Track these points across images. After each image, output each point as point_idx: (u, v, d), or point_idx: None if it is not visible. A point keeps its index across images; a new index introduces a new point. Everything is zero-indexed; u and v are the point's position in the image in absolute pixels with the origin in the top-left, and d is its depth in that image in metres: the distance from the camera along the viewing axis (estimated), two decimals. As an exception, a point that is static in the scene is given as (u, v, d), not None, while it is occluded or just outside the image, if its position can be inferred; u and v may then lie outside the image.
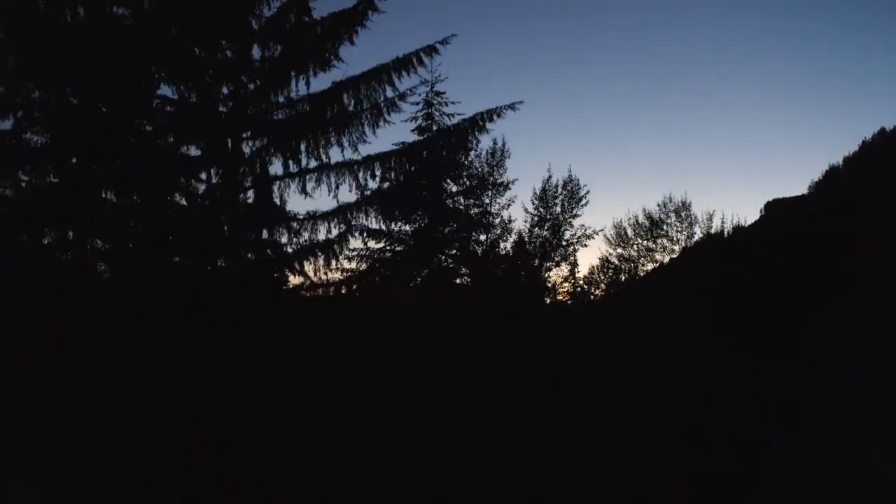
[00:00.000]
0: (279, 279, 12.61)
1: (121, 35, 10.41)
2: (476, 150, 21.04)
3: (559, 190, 22.95)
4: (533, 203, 22.86)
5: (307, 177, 11.79)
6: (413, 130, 19.17)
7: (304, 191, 11.84)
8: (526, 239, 25.32)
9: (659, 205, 30.21)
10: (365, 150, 12.10)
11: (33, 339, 7.96)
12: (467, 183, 20.67)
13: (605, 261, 30.10)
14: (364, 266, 17.94)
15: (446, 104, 18.84)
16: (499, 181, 21.34)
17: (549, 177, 22.95)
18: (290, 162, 11.52)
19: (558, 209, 23.07)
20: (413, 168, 14.85)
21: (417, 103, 19.02)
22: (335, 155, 12.07)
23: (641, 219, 29.97)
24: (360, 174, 12.07)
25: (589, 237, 23.96)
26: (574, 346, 14.41)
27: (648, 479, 8.06)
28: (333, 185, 11.91)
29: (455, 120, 18.78)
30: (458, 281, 21.04)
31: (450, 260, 20.78)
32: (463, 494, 7.45)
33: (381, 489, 7.30)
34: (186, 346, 9.32)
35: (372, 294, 17.13)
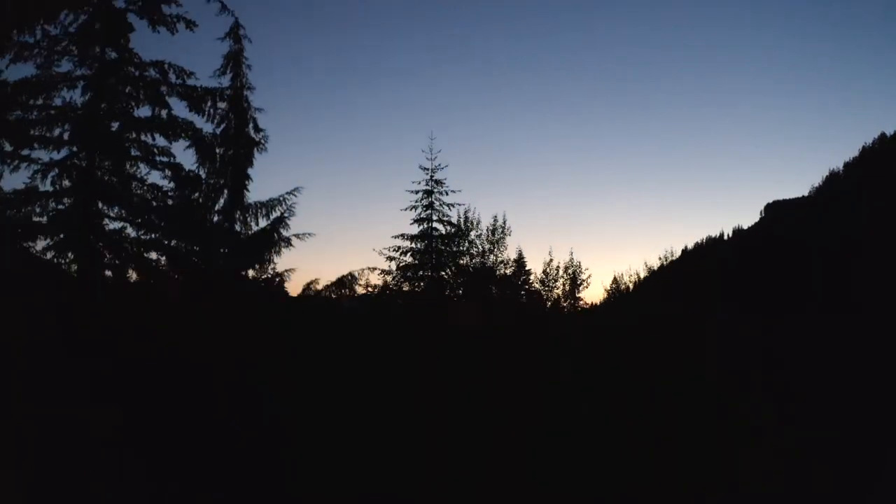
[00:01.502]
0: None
1: None
2: (477, 231, 21.30)
3: (560, 272, 23.50)
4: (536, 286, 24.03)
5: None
6: (413, 221, 19.04)
7: None
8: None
9: (660, 258, 31.22)
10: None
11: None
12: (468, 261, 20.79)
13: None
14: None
15: (446, 193, 18.96)
16: (500, 259, 21.54)
17: (551, 260, 24.29)
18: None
19: (559, 292, 24.29)
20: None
21: (417, 192, 19.02)
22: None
23: (643, 273, 31.07)
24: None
25: None
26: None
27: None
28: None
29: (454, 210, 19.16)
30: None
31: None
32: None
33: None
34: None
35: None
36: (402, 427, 9.38)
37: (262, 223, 12.82)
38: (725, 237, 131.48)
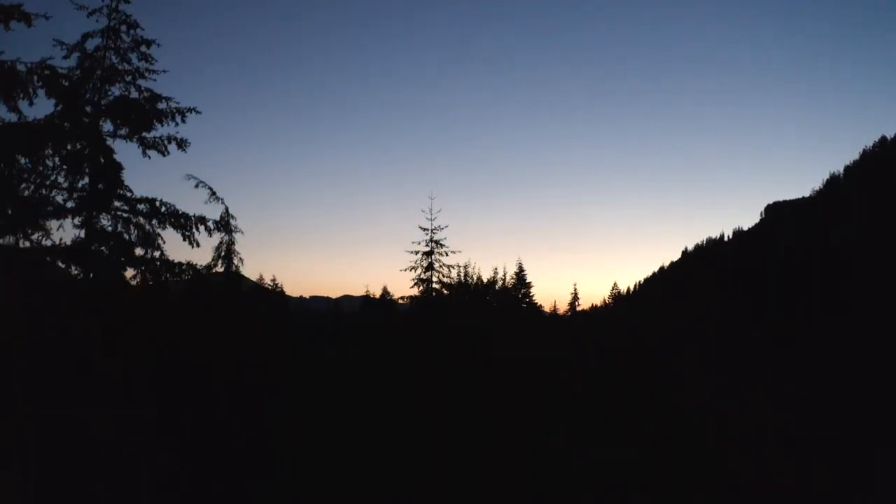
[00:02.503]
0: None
1: None
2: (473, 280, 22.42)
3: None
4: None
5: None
6: (413, 283, 18.43)
7: None
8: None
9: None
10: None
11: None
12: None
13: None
14: None
15: (446, 254, 18.45)
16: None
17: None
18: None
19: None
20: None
21: (416, 252, 18.49)
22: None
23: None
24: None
25: None
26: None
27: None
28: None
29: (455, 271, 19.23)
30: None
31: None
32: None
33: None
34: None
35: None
36: (402, 426, 9.36)
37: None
38: (726, 238, 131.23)
